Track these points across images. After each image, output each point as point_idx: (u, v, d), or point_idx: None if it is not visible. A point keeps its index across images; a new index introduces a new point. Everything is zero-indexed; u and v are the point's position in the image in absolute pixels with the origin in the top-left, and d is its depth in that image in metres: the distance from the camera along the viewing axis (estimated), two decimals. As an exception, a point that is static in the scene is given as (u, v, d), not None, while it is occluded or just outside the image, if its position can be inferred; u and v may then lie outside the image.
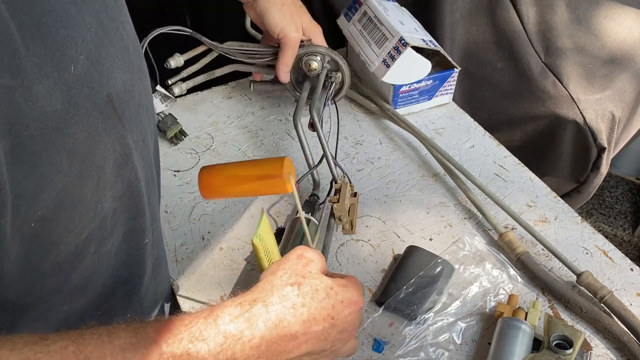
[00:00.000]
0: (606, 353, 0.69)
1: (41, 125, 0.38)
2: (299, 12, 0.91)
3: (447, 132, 1.00)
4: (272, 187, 0.58)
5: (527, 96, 1.19)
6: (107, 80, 0.45)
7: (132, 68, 0.50)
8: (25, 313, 0.48)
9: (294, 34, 0.88)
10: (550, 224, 0.84)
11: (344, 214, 0.75)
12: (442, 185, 0.91)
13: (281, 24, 0.87)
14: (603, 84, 1.19)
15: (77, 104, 0.41)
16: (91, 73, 0.43)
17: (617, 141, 1.23)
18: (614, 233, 1.96)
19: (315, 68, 0.93)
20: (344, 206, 0.74)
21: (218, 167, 0.61)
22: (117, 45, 0.48)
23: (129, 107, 0.49)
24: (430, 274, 0.75)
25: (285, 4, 0.88)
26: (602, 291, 0.72)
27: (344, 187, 0.77)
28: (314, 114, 0.84)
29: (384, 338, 0.71)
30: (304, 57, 0.93)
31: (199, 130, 1.01)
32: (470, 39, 1.20)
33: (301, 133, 0.83)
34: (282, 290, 0.48)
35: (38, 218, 0.41)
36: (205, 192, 0.60)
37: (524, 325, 0.67)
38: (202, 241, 0.83)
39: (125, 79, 0.48)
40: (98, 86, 0.44)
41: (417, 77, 0.98)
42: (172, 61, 0.93)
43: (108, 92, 0.45)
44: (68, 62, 0.40)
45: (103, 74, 0.44)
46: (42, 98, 0.38)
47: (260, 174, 0.58)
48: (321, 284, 0.50)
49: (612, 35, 1.23)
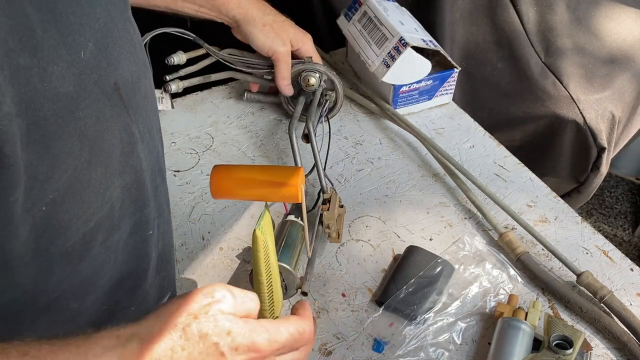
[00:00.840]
0: (606, 353, 0.69)
1: (54, 106, 0.40)
2: (283, 26, 0.94)
3: (447, 132, 1.00)
4: (284, 195, 0.59)
5: (527, 96, 1.19)
6: (114, 69, 0.47)
7: (137, 61, 0.52)
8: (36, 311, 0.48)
9: (282, 48, 0.93)
10: (550, 224, 0.84)
11: (332, 223, 0.77)
12: (442, 185, 0.91)
13: (268, 43, 0.92)
14: (603, 84, 1.19)
15: (87, 89, 0.43)
16: (99, 60, 0.44)
17: (617, 141, 1.23)
18: (614, 233, 1.96)
19: (313, 84, 0.96)
20: (333, 215, 0.76)
21: (231, 168, 0.62)
22: (124, 38, 0.49)
23: (135, 98, 0.50)
24: (430, 274, 0.75)
25: (266, 24, 0.92)
26: (602, 291, 0.72)
27: (334, 197, 0.79)
28: (310, 126, 0.88)
29: (384, 338, 0.71)
30: (303, 72, 0.96)
31: (199, 130, 1.01)
32: (470, 39, 1.20)
33: (295, 143, 0.87)
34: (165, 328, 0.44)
35: (49, 201, 0.42)
36: (216, 191, 0.61)
37: (524, 325, 0.67)
38: (202, 241, 0.83)
39: (132, 70, 0.50)
40: (106, 74, 0.45)
41: (417, 77, 0.98)
42: (175, 57, 0.95)
43: (115, 80, 0.46)
44: (78, 47, 0.42)
45: (110, 62, 0.46)
46: (55, 79, 0.39)
47: (275, 181, 0.59)
48: (215, 327, 0.44)
49: (612, 35, 1.23)
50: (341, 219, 0.80)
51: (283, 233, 0.74)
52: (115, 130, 0.47)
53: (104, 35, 0.45)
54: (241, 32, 0.93)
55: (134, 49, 0.51)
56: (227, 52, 0.96)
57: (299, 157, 0.88)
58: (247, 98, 1.04)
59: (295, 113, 0.93)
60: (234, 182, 0.60)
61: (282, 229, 0.75)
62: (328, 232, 0.78)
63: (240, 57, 0.97)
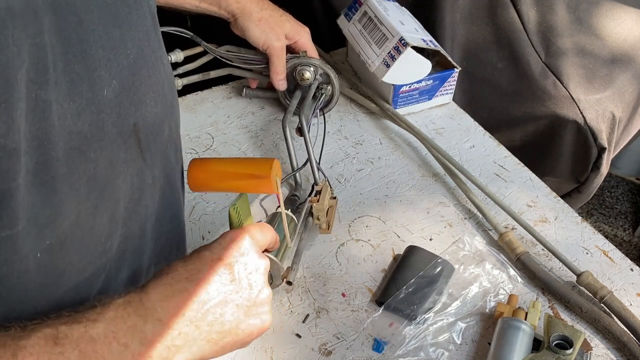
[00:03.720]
0: (606, 353, 0.69)
1: (66, 145, 0.37)
2: (279, 21, 0.94)
3: (447, 132, 1.00)
4: (259, 187, 0.60)
5: (527, 96, 1.19)
6: (135, 109, 0.45)
7: (165, 102, 0.50)
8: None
9: (277, 43, 0.93)
10: (550, 224, 0.84)
11: (322, 214, 0.78)
12: (442, 185, 0.91)
13: (263, 38, 0.93)
14: (603, 84, 1.19)
15: (103, 129, 0.41)
16: (121, 99, 0.42)
17: (617, 141, 1.23)
18: (614, 233, 1.96)
19: (308, 78, 0.97)
20: (323, 206, 0.78)
21: (208, 161, 0.63)
22: (153, 77, 0.47)
23: (155, 142, 0.49)
24: (430, 274, 0.75)
25: (262, 19, 0.93)
26: (602, 291, 0.72)
27: (325, 189, 0.80)
28: (302, 119, 0.89)
29: (384, 338, 0.71)
30: (298, 67, 0.96)
31: (199, 130, 1.01)
32: (471, 39, 1.20)
33: (288, 137, 0.89)
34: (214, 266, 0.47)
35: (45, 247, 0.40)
36: (193, 184, 0.62)
37: (524, 325, 0.67)
38: (202, 241, 0.83)
39: (156, 111, 0.48)
40: (126, 114, 0.43)
41: (417, 77, 0.98)
42: (172, 55, 0.96)
43: (135, 122, 0.45)
44: (102, 84, 0.40)
45: (133, 102, 0.44)
46: (70, 117, 0.37)
47: (248, 173, 0.60)
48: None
49: (612, 35, 1.23)
50: (332, 210, 0.81)
51: (273, 224, 0.75)
52: (127, 175, 0.45)
53: (131, 73, 0.43)
54: (238, 26, 0.94)
55: (161, 89, 0.49)
56: (224, 49, 0.98)
57: (293, 151, 0.90)
58: (245, 94, 1.05)
59: (289, 107, 0.94)
60: (210, 174, 0.61)
61: (272, 220, 0.77)
62: (318, 224, 0.79)
63: (237, 53, 0.98)
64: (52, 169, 0.37)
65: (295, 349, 0.70)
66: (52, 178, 0.37)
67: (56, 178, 0.38)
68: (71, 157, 0.38)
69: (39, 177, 0.36)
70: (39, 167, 0.36)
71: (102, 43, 0.39)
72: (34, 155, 0.35)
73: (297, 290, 0.76)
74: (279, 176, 0.60)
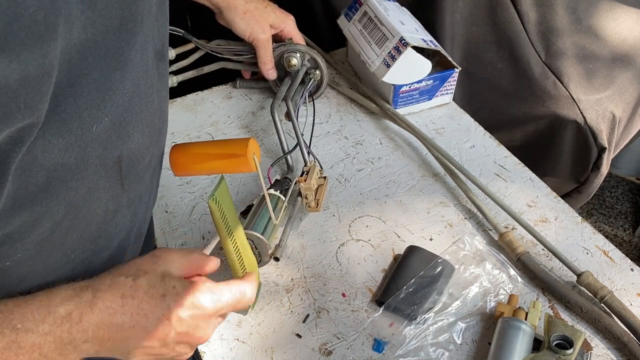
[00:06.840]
0: (606, 353, 0.69)
1: (49, 175, 0.38)
2: (264, 13, 0.96)
3: (447, 132, 1.00)
4: (237, 166, 0.60)
5: (527, 96, 1.19)
6: (122, 142, 0.45)
7: (152, 132, 0.51)
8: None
9: (262, 36, 0.95)
10: (550, 224, 0.84)
11: (310, 193, 0.80)
12: (442, 185, 0.91)
13: (248, 30, 0.95)
14: (603, 84, 1.19)
15: (87, 161, 0.42)
16: (109, 134, 0.43)
17: (617, 141, 1.23)
18: (614, 233, 1.96)
19: (295, 64, 0.99)
20: (311, 186, 0.80)
21: (187, 145, 0.64)
22: (145, 111, 0.48)
23: (135, 168, 0.50)
24: (431, 274, 0.75)
25: (247, 11, 0.94)
26: (602, 291, 0.72)
27: (313, 169, 0.82)
28: (290, 104, 0.92)
29: (384, 338, 0.71)
30: (285, 54, 0.99)
31: (199, 130, 1.01)
32: (471, 39, 1.20)
33: (277, 122, 0.92)
34: (116, 279, 0.47)
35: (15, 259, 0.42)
36: (175, 168, 0.62)
37: (524, 325, 0.67)
38: (202, 241, 0.83)
39: (141, 142, 0.49)
40: (112, 147, 0.44)
41: (417, 77, 0.98)
42: None
43: (120, 154, 0.46)
44: (92, 121, 0.40)
45: (121, 135, 0.45)
46: (57, 151, 0.38)
47: (226, 153, 0.60)
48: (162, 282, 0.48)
49: (612, 35, 1.23)
50: (322, 189, 0.83)
51: (262, 205, 0.78)
52: (104, 200, 0.46)
53: (124, 110, 0.44)
54: (224, 18, 0.96)
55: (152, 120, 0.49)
56: (215, 43, 1.00)
57: (283, 135, 0.92)
58: (239, 85, 1.08)
59: (278, 94, 0.96)
60: (190, 157, 0.62)
61: (261, 202, 0.79)
62: (306, 202, 0.81)
63: (226, 46, 1.00)
64: (31, 193, 0.38)
65: (296, 349, 0.70)
66: (30, 202, 0.39)
67: (34, 202, 0.39)
68: (52, 186, 0.40)
69: (18, 201, 0.38)
70: (18, 192, 0.37)
71: (96, 85, 0.40)
72: (15, 183, 0.37)
73: (297, 291, 0.76)
74: (257, 155, 0.61)
